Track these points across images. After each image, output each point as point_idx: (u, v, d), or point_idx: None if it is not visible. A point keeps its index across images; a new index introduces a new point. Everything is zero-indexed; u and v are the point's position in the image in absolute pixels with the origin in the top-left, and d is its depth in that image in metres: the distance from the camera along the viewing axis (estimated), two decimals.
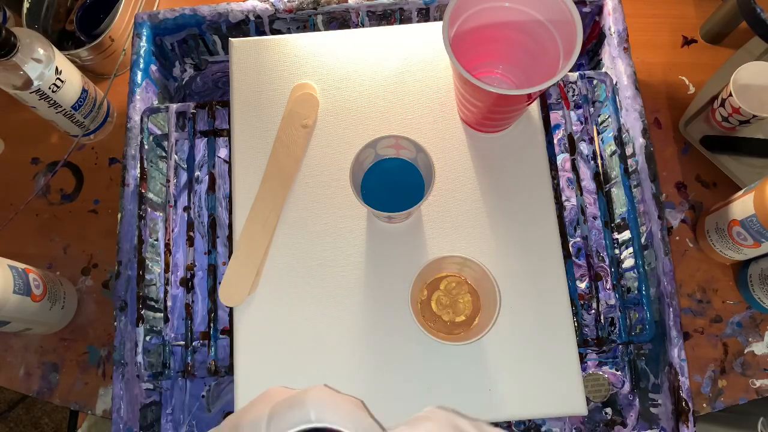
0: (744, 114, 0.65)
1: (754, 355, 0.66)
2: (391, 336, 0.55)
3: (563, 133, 0.65)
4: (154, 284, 0.63)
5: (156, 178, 0.67)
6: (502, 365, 0.54)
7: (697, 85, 0.75)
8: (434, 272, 0.55)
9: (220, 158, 0.68)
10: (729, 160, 0.70)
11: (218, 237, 0.64)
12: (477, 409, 0.53)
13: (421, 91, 0.62)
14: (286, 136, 0.60)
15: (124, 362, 0.58)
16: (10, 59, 0.60)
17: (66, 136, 0.75)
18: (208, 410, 0.64)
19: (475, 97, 0.53)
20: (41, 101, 0.66)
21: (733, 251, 0.64)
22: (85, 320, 0.69)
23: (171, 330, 0.61)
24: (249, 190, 0.59)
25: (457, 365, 0.54)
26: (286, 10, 0.69)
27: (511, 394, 0.53)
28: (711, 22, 0.76)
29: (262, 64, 0.63)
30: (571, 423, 0.62)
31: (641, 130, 0.63)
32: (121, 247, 0.62)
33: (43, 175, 0.75)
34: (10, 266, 0.59)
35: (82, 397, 0.67)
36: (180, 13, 0.69)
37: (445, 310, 0.54)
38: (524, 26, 0.54)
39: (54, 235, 0.73)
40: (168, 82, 0.74)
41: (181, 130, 0.67)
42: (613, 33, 0.67)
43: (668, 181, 0.71)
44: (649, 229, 0.61)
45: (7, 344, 0.69)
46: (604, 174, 0.65)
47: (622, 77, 0.65)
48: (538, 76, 0.51)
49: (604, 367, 0.64)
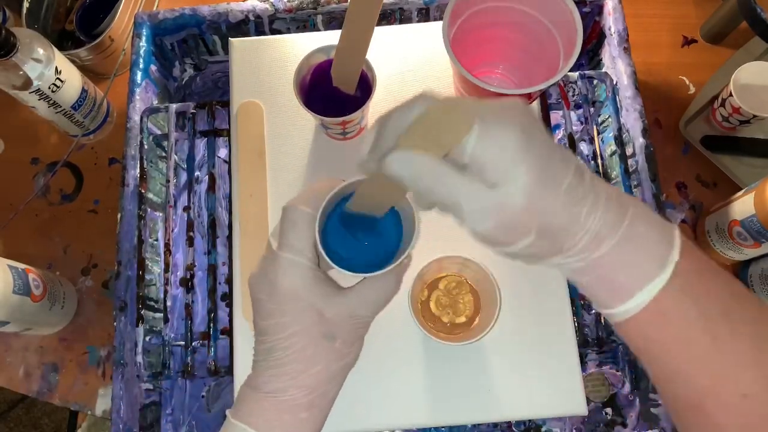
0: (744, 114, 0.65)
1: None
2: (391, 336, 0.55)
3: (563, 133, 0.65)
4: (153, 284, 0.63)
5: (156, 178, 0.66)
6: (503, 365, 0.54)
7: (697, 85, 0.75)
8: (434, 272, 0.55)
9: (220, 158, 0.68)
10: (729, 160, 0.70)
11: (218, 237, 0.64)
12: (477, 409, 0.53)
13: (421, 91, 0.62)
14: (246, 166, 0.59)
15: (124, 362, 0.58)
16: (9, 59, 0.60)
17: (66, 136, 0.75)
18: (208, 410, 0.63)
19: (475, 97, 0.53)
20: (41, 101, 0.65)
21: (734, 251, 0.64)
22: (84, 320, 0.69)
23: (171, 330, 0.61)
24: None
25: (457, 365, 0.54)
26: (286, 10, 0.69)
27: (511, 394, 0.53)
28: (711, 22, 0.76)
29: (261, 64, 0.63)
30: (571, 423, 0.62)
31: (641, 130, 0.63)
32: (120, 247, 0.61)
33: (42, 175, 0.75)
34: (9, 266, 0.59)
35: (82, 398, 0.67)
36: (180, 13, 0.69)
37: (445, 310, 0.54)
38: (524, 26, 0.54)
39: (54, 235, 0.73)
40: (168, 82, 0.74)
41: (181, 130, 0.67)
42: (613, 33, 0.67)
43: (668, 181, 0.71)
44: None
45: (7, 344, 0.69)
46: (605, 174, 0.65)
47: (622, 77, 0.65)
48: (538, 76, 0.51)
49: (604, 367, 0.64)
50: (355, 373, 0.54)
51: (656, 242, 0.32)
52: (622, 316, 0.33)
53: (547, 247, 0.33)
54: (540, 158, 0.31)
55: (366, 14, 0.47)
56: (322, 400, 0.40)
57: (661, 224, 0.33)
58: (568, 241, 0.32)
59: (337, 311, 0.39)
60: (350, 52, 0.51)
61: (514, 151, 0.30)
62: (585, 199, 0.31)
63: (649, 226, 0.32)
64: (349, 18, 0.48)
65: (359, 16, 0.48)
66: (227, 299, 0.63)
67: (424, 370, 0.54)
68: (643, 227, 0.32)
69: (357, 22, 0.48)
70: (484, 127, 0.31)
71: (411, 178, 0.32)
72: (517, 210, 0.31)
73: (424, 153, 0.31)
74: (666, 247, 0.32)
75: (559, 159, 0.31)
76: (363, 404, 0.53)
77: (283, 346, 0.38)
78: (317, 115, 0.53)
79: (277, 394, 0.38)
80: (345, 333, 0.39)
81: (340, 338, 0.39)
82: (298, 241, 0.39)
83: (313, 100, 0.55)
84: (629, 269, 0.32)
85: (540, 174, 0.31)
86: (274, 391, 0.38)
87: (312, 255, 0.39)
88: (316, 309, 0.38)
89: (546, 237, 0.32)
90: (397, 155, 0.32)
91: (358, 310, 0.40)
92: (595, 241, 0.32)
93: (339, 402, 0.53)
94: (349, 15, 0.48)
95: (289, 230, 0.39)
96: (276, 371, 0.38)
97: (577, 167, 0.32)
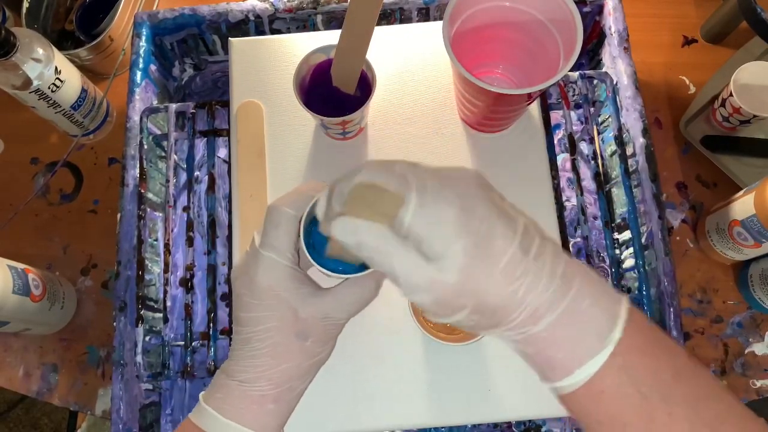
0: (744, 114, 0.65)
1: (754, 356, 0.66)
2: (391, 336, 0.55)
3: (563, 133, 0.65)
4: (153, 284, 0.63)
5: (155, 178, 0.66)
6: (503, 365, 0.54)
7: (697, 85, 0.75)
8: None
9: (220, 158, 0.68)
10: (729, 160, 0.70)
11: (218, 237, 0.64)
12: (477, 409, 0.53)
13: (421, 91, 0.62)
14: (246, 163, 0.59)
15: (124, 362, 0.58)
16: (9, 59, 0.60)
17: (65, 136, 0.75)
18: None
19: (475, 97, 0.53)
20: (40, 101, 0.65)
21: (734, 251, 0.64)
22: (84, 320, 0.69)
23: (170, 330, 0.61)
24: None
25: (457, 365, 0.54)
26: (286, 10, 0.69)
27: (511, 394, 0.53)
28: (711, 21, 0.76)
29: (261, 64, 0.63)
30: (571, 423, 0.62)
31: (641, 130, 0.63)
32: (120, 247, 0.61)
33: (42, 175, 0.75)
34: (9, 266, 0.59)
35: (82, 398, 0.67)
36: (180, 13, 0.69)
37: None
38: (524, 26, 0.54)
39: (53, 235, 0.73)
40: (167, 82, 0.74)
41: (181, 130, 0.67)
42: (613, 33, 0.67)
43: (669, 181, 0.71)
44: (649, 229, 0.61)
45: (6, 344, 0.69)
46: (605, 174, 0.65)
47: (622, 77, 0.65)
48: (538, 76, 0.51)
49: None
50: (355, 373, 0.54)
51: (599, 319, 0.32)
52: (561, 391, 0.33)
53: (484, 322, 0.33)
54: (477, 236, 0.31)
55: (366, 14, 0.47)
56: (289, 395, 0.41)
57: (607, 298, 0.33)
58: (505, 317, 0.32)
59: (311, 312, 0.40)
60: (350, 52, 0.51)
61: (449, 228, 0.31)
62: (525, 276, 0.31)
63: (593, 301, 0.32)
64: (349, 18, 0.48)
65: (359, 16, 0.48)
66: (227, 299, 0.63)
67: (424, 370, 0.54)
68: (587, 302, 0.32)
69: (357, 22, 0.48)
70: (422, 200, 0.31)
71: (354, 245, 0.33)
72: (449, 287, 0.31)
73: (368, 221, 0.32)
74: (609, 324, 0.32)
75: (500, 236, 0.31)
76: (363, 404, 0.53)
77: (257, 339, 0.39)
78: (317, 115, 0.53)
79: (247, 384, 0.40)
80: (317, 333, 0.40)
81: (312, 338, 0.40)
82: (279, 241, 0.40)
83: (313, 100, 0.55)
84: (568, 346, 0.32)
85: (475, 253, 0.31)
86: (246, 380, 0.40)
87: (292, 255, 0.40)
88: (292, 308, 0.39)
89: (481, 312, 0.32)
90: (340, 222, 0.33)
91: (333, 312, 0.40)
92: (532, 317, 0.32)
93: (339, 402, 0.53)
94: (349, 15, 0.48)
95: (271, 230, 0.40)
96: (249, 362, 0.40)
97: (521, 241, 0.32)
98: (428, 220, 0.31)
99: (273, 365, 0.39)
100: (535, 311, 0.31)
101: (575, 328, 0.32)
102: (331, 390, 0.53)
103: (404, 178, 0.33)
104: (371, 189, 0.33)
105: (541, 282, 0.31)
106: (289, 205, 0.41)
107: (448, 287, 0.31)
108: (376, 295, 0.42)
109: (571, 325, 0.32)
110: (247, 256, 0.41)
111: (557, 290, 0.31)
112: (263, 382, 0.40)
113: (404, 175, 0.33)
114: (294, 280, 0.40)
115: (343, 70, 0.53)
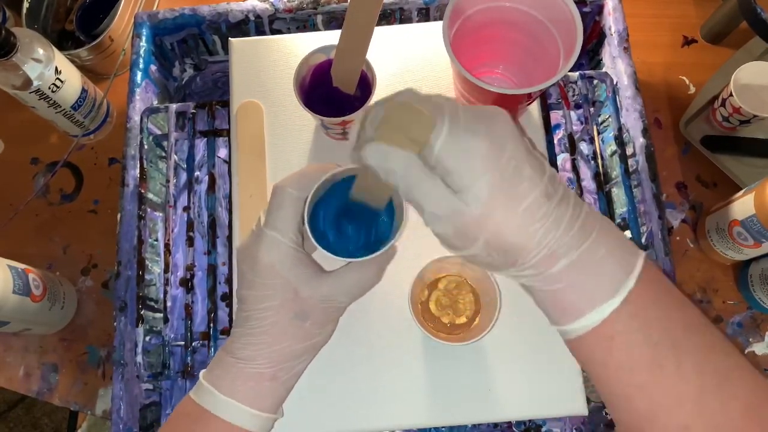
0: (744, 114, 0.65)
1: (754, 356, 0.66)
2: (391, 336, 0.55)
3: (563, 133, 0.65)
4: (153, 284, 0.63)
5: (156, 178, 0.66)
6: (503, 365, 0.54)
7: (697, 85, 0.75)
8: (434, 273, 0.55)
9: (220, 158, 0.68)
10: (729, 160, 0.70)
11: (218, 237, 0.64)
12: (477, 409, 0.53)
13: (421, 91, 0.62)
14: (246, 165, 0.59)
15: (124, 362, 0.58)
16: (9, 59, 0.60)
17: (66, 136, 0.75)
18: None
19: (475, 97, 0.53)
20: (41, 101, 0.65)
21: (734, 251, 0.64)
22: (84, 320, 0.69)
23: (171, 330, 0.61)
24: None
25: (458, 365, 0.54)
26: (286, 10, 0.69)
27: (511, 394, 0.53)
28: (711, 21, 0.76)
29: (261, 64, 0.63)
30: (571, 423, 0.62)
31: (641, 130, 0.63)
32: (120, 247, 0.61)
33: (42, 175, 0.75)
34: (9, 266, 0.59)
35: (82, 398, 0.67)
36: (180, 13, 0.69)
37: (445, 310, 0.54)
38: (524, 26, 0.54)
39: (54, 235, 0.73)
40: (168, 82, 0.74)
41: (181, 130, 0.67)
42: (613, 33, 0.67)
43: (668, 181, 0.71)
44: (649, 229, 0.61)
45: (6, 344, 0.69)
46: (605, 174, 0.65)
47: (622, 77, 0.65)
48: (538, 76, 0.51)
49: None
50: (355, 373, 0.54)
51: (614, 267, 0.32)
52: (569, 335, 0.34)
53: (500, 259, 0.33)
54: (504, 173, 0.31)
55: (366, 14, 0.48)
56: (287, 374, 0.41)
57: (626, 250, 0.33)
58: (522, 256, 0.32)
59: (311, 293, 0.40)
60: (350, 52, 0.51)
61: (478, 161, 0.31)
62: (546, 218, 0.32)
63: (610, 250, 0.32)
64: (349, 18, 0.48)
65: (359, 16, 0.48)
66: (227, 299, 0.63)
67: (424, 370, 0.54)
68: (603, 251, 0.32)
69: (357, 22, 0.48)
70: (454, 131, 0.31)
71: (384, 171, 0.33)
72: (472, 220, 0.31)
73: (398, 147, 0.32)
74: (623, 274, 0.32)
75: (527, 177, 0.32)
76: (363, 404, 0.53)
77: (257, 317, 0.40)
78: (317, 115, 0.53)
79: (245, 361, 0.40)
80: (317, 315, 0.41)
81: (311, 319, 0.41)
82: (282, 221, 0.40)
83: (313, 100, 0.55)
84: (582, 289, 0.32)
85: (501, 189, 0.31)
86: (244, 358, 0.40)
87: (295, 236, 0.41)
88: (292, 287, 0.40)
89: (498, 249, 0.32)
90: (372, 147, 0.33)
91: (334, 294, 0.41)
92: (549, 259, 0.32)
93: (339, 402, 0.53)
94: (349, 15, 0.48)
95: (275, 210, 0.41)
96: (249, 339, 0.40)
97: (547, 187, 0.32)
98: (458, 149, 0.31)
99: (271, 344, 0.40)
100: (553, 253, 0.32)
101: (590, 273, 0.32)
102: (332, 390, 0.53)
103: (439, 105, 0.33)
104: (406, 109, 0.33)
105: (561, 226, 0.32)
106: (293, 186, 0.41)
107: (470, 219, 0.31)
108: (378, 281, 0.43)
109: (587, 270, 0.32)
110: (252, 235, 0.42)
111: (576, 235, 0.32)
112: (261, 360, 0.40)
113: (440, 103, 0.33)
114: (296, 260, 0.40)
115: (344, 70, 0.53)
